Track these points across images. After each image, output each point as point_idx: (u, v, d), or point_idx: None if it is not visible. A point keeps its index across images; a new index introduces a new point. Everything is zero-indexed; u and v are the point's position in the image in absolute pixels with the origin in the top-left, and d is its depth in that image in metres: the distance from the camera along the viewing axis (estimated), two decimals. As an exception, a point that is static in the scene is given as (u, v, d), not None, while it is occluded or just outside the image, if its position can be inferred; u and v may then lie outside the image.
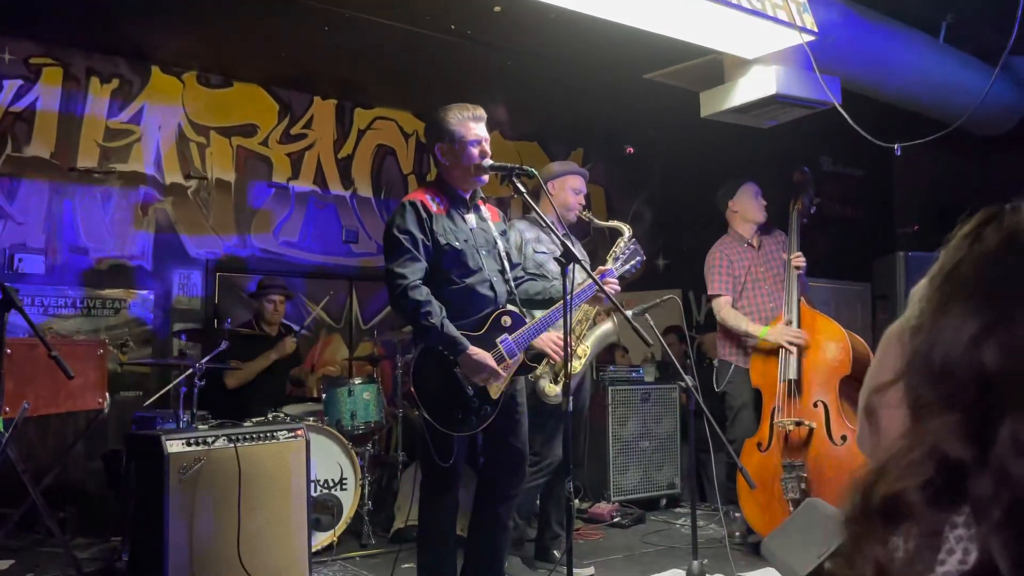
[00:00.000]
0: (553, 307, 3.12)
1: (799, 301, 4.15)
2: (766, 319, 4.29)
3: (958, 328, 0.53)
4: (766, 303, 4.36)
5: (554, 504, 4.07)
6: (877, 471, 0.53)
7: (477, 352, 2.89)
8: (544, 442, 3.83)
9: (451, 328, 2.88)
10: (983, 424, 0.50)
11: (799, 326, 4.09)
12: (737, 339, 4.40)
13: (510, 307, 3.08)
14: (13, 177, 5.10)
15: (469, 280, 3.01)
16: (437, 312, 2.88)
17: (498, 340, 2.98)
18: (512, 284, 3.14)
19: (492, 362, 2.90)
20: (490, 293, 3.05)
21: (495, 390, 2.96)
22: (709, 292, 4.47)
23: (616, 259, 3.47)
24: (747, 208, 4.49)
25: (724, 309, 4.38)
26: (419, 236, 2.96)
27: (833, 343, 3.99)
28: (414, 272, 2.91)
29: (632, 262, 3.46)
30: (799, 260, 4.25)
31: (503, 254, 3.14)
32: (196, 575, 3.28)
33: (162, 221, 5.61)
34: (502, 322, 3.01)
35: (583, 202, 4.08)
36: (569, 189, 4.05)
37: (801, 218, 4.36)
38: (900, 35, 4.76)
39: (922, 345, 0.55)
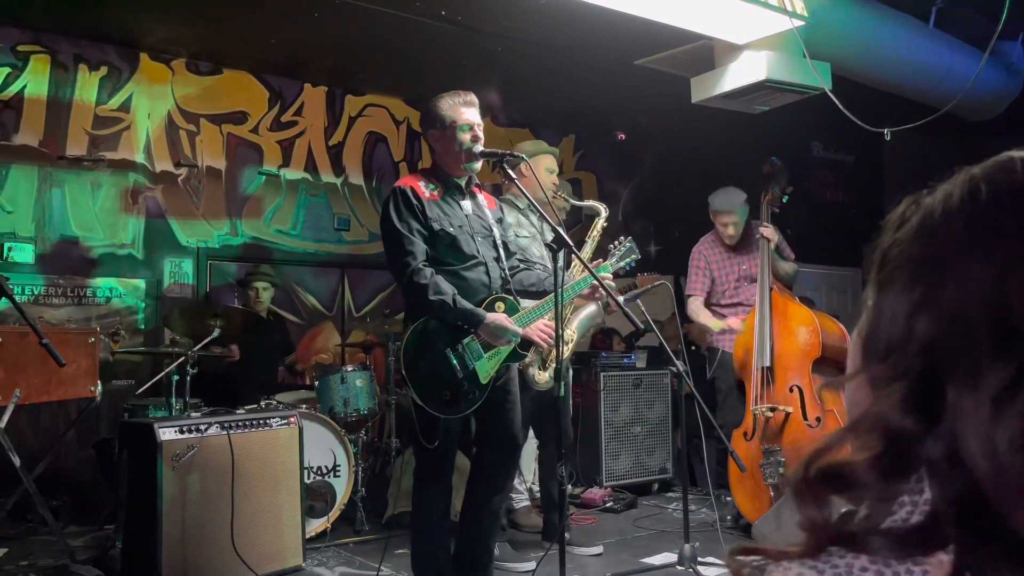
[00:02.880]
0: (546, 298, 3.12)
1: (771, 289, 4.17)
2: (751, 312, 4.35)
3: (894, 307, 0.58)
4: (750, 299, 4.43)
5: (552, 489, 4.09)
6: (825, 445, 0.57)
7: (495, 317, 2.93)
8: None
9: (464, 302, 2.91)
10: (927, 393, 0.53)
11: (771, 312, 4.13)
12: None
13: (504, 294, 3.09)
14: (1, 165, 5.07)
15: (464, 265, 3.02)
16: (447, 289, 2.90)
17: None
18: (507, 271, 3.15)
19: (511, 323, 2.94)
20: (485, 278, 3.06)
21: (484, 375, 2.97)
22: (685, 292, 4.62)
23: (611, 255, 3.46)
24: (728, 230, 4.55)
25: (692, 306, 4.59)
26: (412, 222, 2.97)
27: (803, 327, 4.05)
28: (415, 256, 2.94)
29: (627, 259, 3.44)
30: (767, 230, 4.27)
31: (499, 241, 3.15)
32: (190, 562, 3.29)
33: (152, 209, 5.59)
34: (495, 308, 3.02)
35: (556, 181, 4.13)
36: (544, 168, 4.05)
37: (772, 208, 4.39)
38: (890, 20, 4.77)
39: (870, 330, 0.60)
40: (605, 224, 3.72)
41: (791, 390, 3.99)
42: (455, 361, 2.94)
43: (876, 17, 4.67)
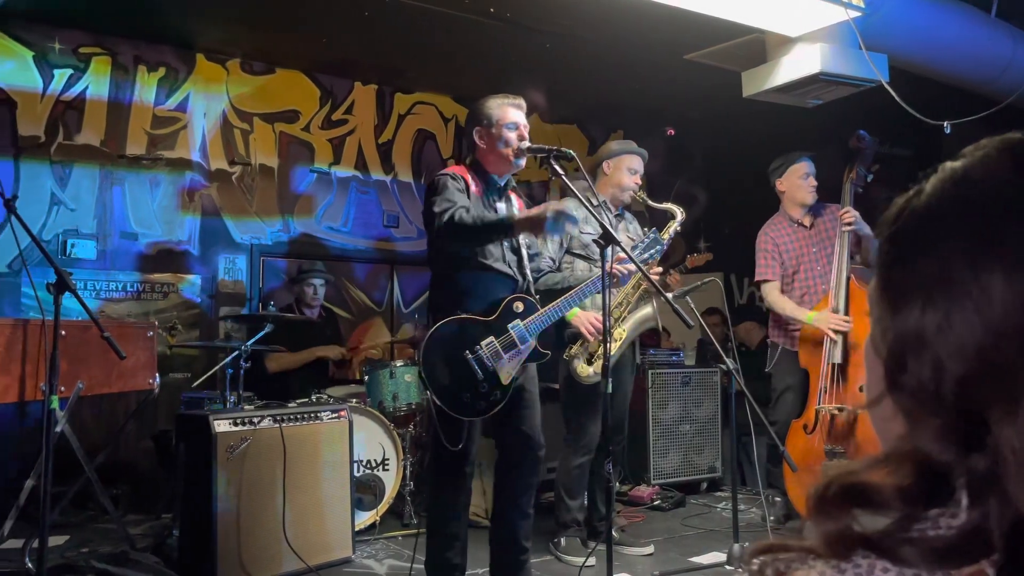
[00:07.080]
0: (568, 294, 3.11)
1: (848, 279, 3.97)
2: (819, 300, 4.18)
3: (916, 337, 0.53)
4: (818, 284, 4.23)
5: (599, 486, 4.07)
6: (852, 470, 0.54)
7: (525, 212, 2.94)
8: (583, 421, 3.84)
9: (491, 215, 2.95)
10: (966, 425, 0.50)
11: (847, 304, 3.94)
12: (784, 322, 4.33)
13: (524, 295, 3.09)
14: (65, 164, 5.24)
15: (487, 263, 3.04)
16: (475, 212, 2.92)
17: (509, 326, 3.00)
18: (528, 274, 3.16)
19: (540, 209, 2.85)
20: (509, 275, 3.08)
21: (506, 375, 2.96)
22: (755, 278, 4.40)
23: (635, 247, 3.44)
24: (794, 190, 4.35)
25: (770, 294, 4.32)
26: (459, 189, 3.01)
27: None
28: (461, 199, 2.95)
29: (652, 250, 3.45)
30: (848, 215, 4.03)
31: (522, 245, 3.17)
32: (244, 551, 3.37)
33: (208, 206, 5.71)
34: (514, 308, 3.03)
35: (639, 182, 4.03)
36: (625, 169, 4.00)
37: (855, 187, 4.12)
38: (951, 9, 4.63)
39: (891, 359, 0.55)
40: (679, 228, 3.66)
41: (861, 390, 3.78)
42: (475, 364, 2.94)
43: (935, 6, 4.54)
